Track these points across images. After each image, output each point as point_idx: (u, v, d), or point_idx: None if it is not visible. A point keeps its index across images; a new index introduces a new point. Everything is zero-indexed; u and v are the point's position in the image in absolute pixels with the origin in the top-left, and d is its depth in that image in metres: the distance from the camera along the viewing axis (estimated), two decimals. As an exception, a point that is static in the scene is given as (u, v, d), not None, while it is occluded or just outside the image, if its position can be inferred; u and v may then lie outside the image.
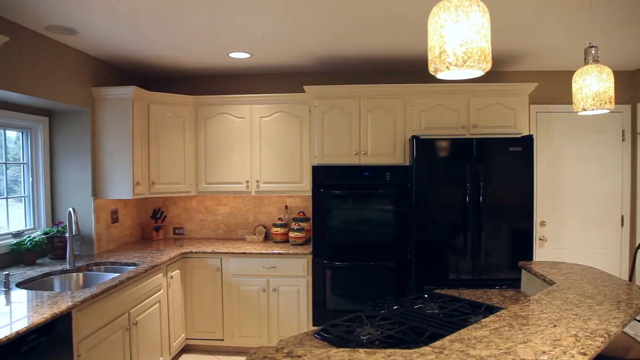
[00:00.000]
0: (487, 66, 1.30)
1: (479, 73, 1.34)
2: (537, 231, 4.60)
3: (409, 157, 4.02)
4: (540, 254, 4.60)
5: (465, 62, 1.25)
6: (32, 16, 2.98)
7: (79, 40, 3.54)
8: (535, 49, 3.82)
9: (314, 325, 4.09)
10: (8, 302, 2.60)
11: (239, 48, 3.81)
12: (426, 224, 3.82)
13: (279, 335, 4.16)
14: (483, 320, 1.72)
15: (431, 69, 1.34)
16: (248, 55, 4.04)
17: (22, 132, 3.82)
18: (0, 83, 2.96)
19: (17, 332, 2.13)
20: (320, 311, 4.06)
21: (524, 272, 2.82)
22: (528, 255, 3.76)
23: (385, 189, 4.00)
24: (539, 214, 4.57)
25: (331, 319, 2.13)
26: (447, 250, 3.80)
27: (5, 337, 2.06)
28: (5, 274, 2.91)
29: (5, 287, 2.87)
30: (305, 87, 4.13)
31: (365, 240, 4.02)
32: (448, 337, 1.54)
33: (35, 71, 3.31)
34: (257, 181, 4.44)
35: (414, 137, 3.84)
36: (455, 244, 3.79)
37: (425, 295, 2.50)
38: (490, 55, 1.29)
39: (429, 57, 1.33)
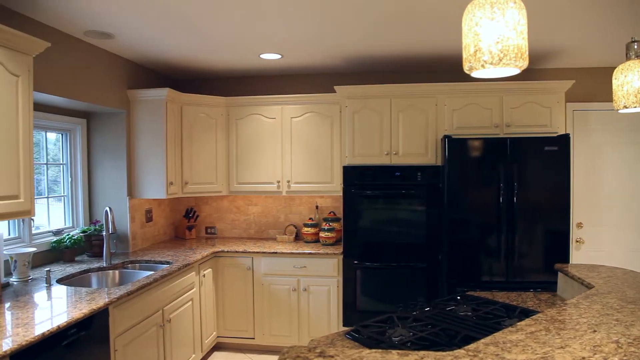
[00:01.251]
0: (524, 64, 1.27)
1: (515, 71, 1.32)
2: (574, 233, 4.47)
3: (440, 157, 3.97)
4: (577, 256, 4.47)
5: (501, 60, 1.22)
6: (72, 22, 3.08)
7: (116, 44, 3.64)
8: (572, 45, 3.71)
9: (344, 325, 4.08)
10: (49, 297, 2.69)
11: (269, 49, 3.84)
12: (458, 225, 3.76)
13: (309, 335, 4.17)
14: (518, 323, 1.69)
15: (466, 68, 1.32)
16: (279, 56, 4.07)
17: (62, 134, 3.95)
18: (42, 87, 3.07)
19: (59, 326, 2.20)
20: (351, 312, 4.05)
21: (560, 275, 2.75)
22: (564, 257, 3.66)
23: (417, 189, 3.96)
24: (575, 215, 4.44)
25: (361, 320, 2.12)
26: (480, 252, 3.73)
27: (48, 330, 2.13)
28: (47, 270, 3.02)
29: (46, 283, 2.97)
30: (336, 87, 4.13)
31: (396, 240, 3.99)
32: (482, 340, 1.51)
33: (75, 75, 3.42)
34: (288, 181, 4.47)
35: (446, 136, 3.79)
36: (488, 246, 3.72)
37: (458, 297, 2.46)
38: (527, 53, 1.27)
39: (464, 56, 1.31)
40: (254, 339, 4.28)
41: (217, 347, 4.41)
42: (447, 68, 4.48)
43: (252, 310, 4.26)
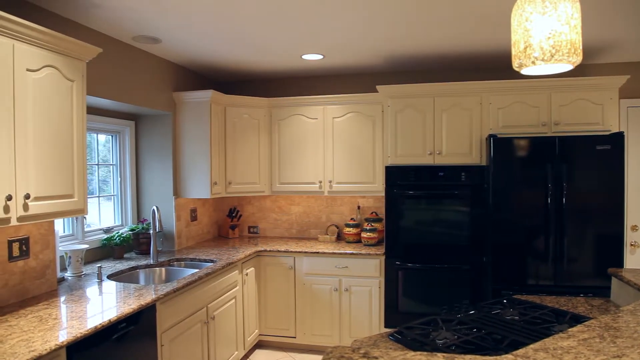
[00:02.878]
0: (577, 59, 1.22)
1: (567, 67, 1.27)
2: (628, 236, 4.26)
3: (485, 156, 3.88)
4: (632, 260, 4.26)
5: (553, 56, 1.18)
6: (122, 28, 3.20)
7: (162, 48, 3.74)
8: (626, 38, 3.54)
9: (385, 326, 4.05)
10: (100, 292, 2.80)
11: (312, 50, 3.86)
12: (504, 227, 3.66)
13: (350, 335, 4.16)
14: (570, 329, 1.62)
15: (515, 65, 1.28)
16: (321, 57, 4.08)
17: (112, 136, 4.10)
18: (94, 90, 3.20)
19: (110, 320, 2.28)
20: (392, 313, 4.02)
21: (614, 279, 2.63)
22: (618, 261, 3.50)
23: (461, 189, 3.88)
24: (630, 218, 4.24)
25: (403, 321, 2.09)
26: (526, 255, 3.62)
27: (100, 324, 2.22)
28: (98, 267, 3.14)
29: (98, 279, 3.09)
30: (378, 87, 4.10)
31: (439, 242, 3.93)
32: (532, 346, 1.47)
33: (124, 78, 3.54)
34: (330, 181, 4.48)
35: (491, 136, 3.70)
36: (536, 248, 3.60)
37: (504, 301, 2.40)
38: (581, 48, 1.21)
39: (513, 52, 1.27)
40: (295, 337, 4.30)
41: (259, 345, 4.46)
42: (492, 65, 4.37)
43: (293, 309, 4.29)
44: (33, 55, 2.33)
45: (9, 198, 2.17)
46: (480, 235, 3.85)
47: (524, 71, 1.31)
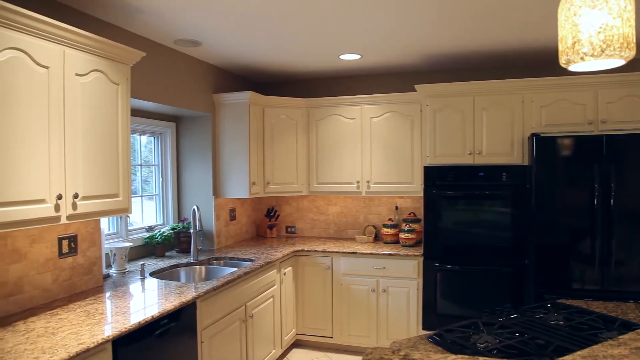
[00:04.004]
0: (631, 54, 1.16)
1: (619, 62, 1.21)
2: (682, 239, 4.06)
3: (527, 156, 3.77)
4: (686, 265, 4.05)
5: (603, 52, 1.13)
6: (164, 32, 3.28)
7: (202, 51, 3.82)
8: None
9: (423, 328, 4.00)
10: (143, 289, 2.88)
11: (349, 50, 3.85)
12: (547, 228, 3.55)
13: (387, 337, 4.13)
14: (620, 337, 1.56)
15: (562, 61, 1.24)
16: (358, 57, 4.07)
17: (154, 137, 4.21)
18: (137, 93, 3.30)
19: (152, 316, 2.35)
20: (431, 315, 3.96)
21: (667, 284, 2.50)
22: (671, 266, 3.34)
23: (502, 190, 3.79)
24: (684, 220, 4.03)
25: (441, 324, 2.06)
26: (571, 258, 3.49)
27: (144, 320, 2.28)
28: (141, 264, 3.24)
29: (141, 276, 3.18)
30: (417, 86, 4.06)
31: (479, 243, 3.85)
32: (579, 353, 1.42)
33: (166, 81, 3.63)
34: (368, 181, 4.45)
35: (533, 135, 3.60)
36: (581, 251, 3.47)
37: (548, 305, 2.32)
38: (634, 42, 1.16)
39: (560, 49, 1.23)
40: (332, 337, 4.31)
41: (296, 344, 4.49)
42: (534, 62, 4.25)
43: (330, 309, 4.29)
44: (81, 61, 2.42)
45: (59, 197, 2.26)
46: (521, 236, 3.74)
47: (572, 68, 1.27)
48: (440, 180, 3.94)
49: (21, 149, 2.08)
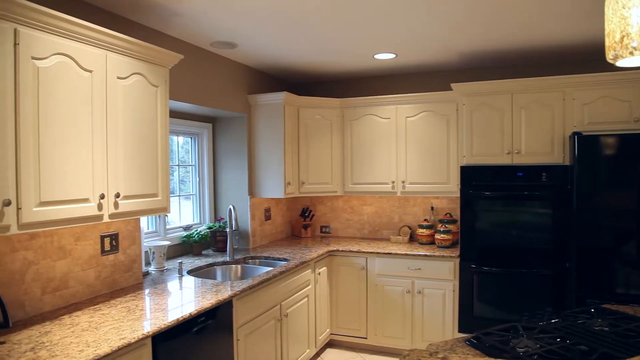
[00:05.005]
0: (681, 49, 1.11)
1: (669, 57, 1.16)
2: None
3: (569, 155, 3.66)
4: None
5: (653, 46, 1.08)
6: (200, 35, 3.34)
7: (238, 53, 3.87)
8: None
9: (459, 331, 3.93)
10: (181, 286, 2.94)
11: (384, 49, 3.83)
12: (589, 230, 3.43)
13: (422, 339, 4.08)
14: (669, 343, 1.49)
15: (609, 57, 1.19)
16: (393, 56, 4.04)
17: (191, 138, 4.29)
18: (175, 95, 3.37)
19: (190, 313, 2.40)
20: (467, 317, 3.89)
21: None
22: None
23: (541, 190, 3.69)
24: None
25: (478, 327, 2.02)
26: (615, 261, 3.37)
27: (182, 317, 2.33)
28: (179, 262, 3.31)
29: (178, 274, 3.25)
30: (453, 85, 3.99)
31: (517, 245, 3.75)
32: None
33: (202, 83, 3.70)
34: (403, 182, 4.42)
35: (575, 133, 3.48)
36: (626, 254, 3.34)
37: (592, 310, 2.24)
38: (686, 36, 1.11)
39: (607, 43, 1.18)
40: (366, 338, 4.29)
41: (330, 344, 4.49)
42: (575, 58, 4.12)
43: (365, 309, 4.28)
44: (123, 64, 2.49)
45: (102, 197, 2.34)
46: (562, 239, 3.63)
47: (620, 63, 1.22)
48: (477, 181, 3.86)
49: (67, 150, 2.16)
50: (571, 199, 3.52)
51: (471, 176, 3.88)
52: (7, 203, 1.88)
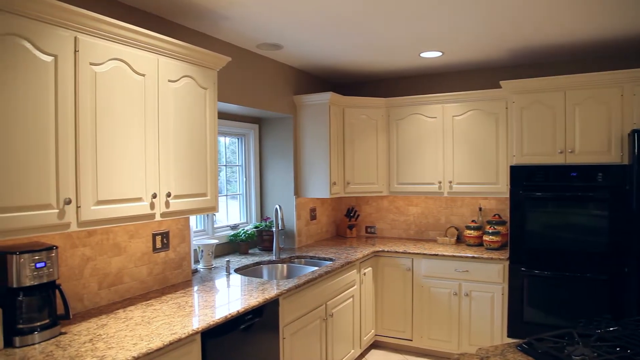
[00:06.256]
0: None
1: None
2: None
3: (628, 154, 3.48)
4: None
5: None
6: (247, 37, 3.40)
7: (284, 54, 3.91)
8: None
9: (508, 336, 3.82)
10: (228, 284, 3.00)
11: (430, 47, 3.77)
12: (651, 233, 3.25)
13: (469, 342, 4.00)
14: None
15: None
16: (439, 54, 3.97)
17: (237, 138, 4.37)
18: (223, 97, 3.45)
19: (238, 311, 2.44)
20: (517, 322, 3.77)
21: None
22: None
23: (597, 191, 3.53)
24: None
25: (529, 332, 1.96)
26: (681, 266, 3.18)
27: (230, 314, 2.38)
28: (227, 261, 3.38)
29: (226, 272, 3.32)
30: (502, 82, 3.88)
31: (571, 248, 3.61)
32: (692, 371, 1.29)
33: (249, 84, 3.76)
34: (450, 182, 4.33)
35: (635, 131, 3.31)
36: (692, 259, 3.15)
37: (654, 318, 2.13)
38: None
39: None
40: (411, 340, 4.24)
41: (375, 345, 4.46)
42: (634, 51, 3.91)
43: (410, 311, 4.23)
44: (173, 67, 2.57)
45: (154, 196, 2.42)
46: (620, 242, 3.46)
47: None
48: (527, 181, 3.74)
49: (121, 151, 2.25)
50: (630, 200, 3.35)
51: (521, 176, 3.76)
52: (68, 202, 1.98)
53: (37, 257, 2.01)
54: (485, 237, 4.18)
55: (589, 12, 2.96)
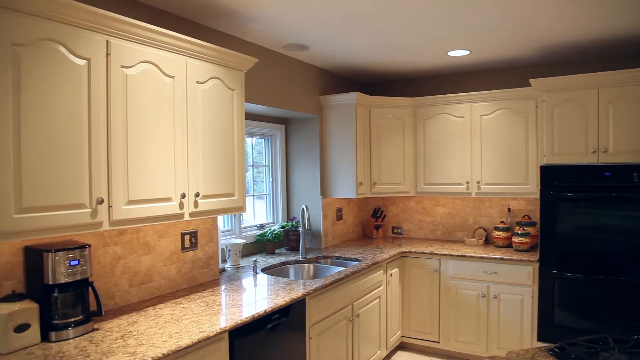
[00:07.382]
0: None
1: None
2: None
3: (665, 154, 3.37)
4: None
5: None
6: (274, 38, 3.42)
7: (309, 55, 3.92)
8: None
9: (538, 340, 3.74)
10: (255, 284, 3.02)
11: (457, 46, 3.72)
12: (689, 236, 3.14)
13: (498, 345, 3.93)
14: None
15: None
16: (467, 53, 3.92)
17: (264, 139, 4.40)
18: (250, 98, 3.48)
19: (265, 310, 2.46)
20: (547, 326, 3.69)
21: None
22: None
23: (632, 192, 3.42)
24: None
25: (559, 336, 1.91)
26: None
27: (257, 313, 2.40)
28: (254, 260, 3.41)
29: (253, 271, 3.35)
30: (532, 81, 3.80)
31: (604, 250, 3.51)
32: None
33: (275, 85, 3.79)
34: (478, 182, 4.27)
35: (672, 130, 3.20)
36: None
37: (693, 322, 2.05)
38: None
39: None
40: (438, 342, 4.19)
41: (401, 346, 4.43)
42: (674, 49, 3.79)
43: (437, 313, 4.18)
44: (201, 69, 2.61)
45: (183, 196, 2.46)
46: (657, 244, 3.35)
47: None
48: (558, 181, 3.66)
49: (151, 152, 2.29)
50: (667, 202, 3.25)
51: (552, 176, 3.68)
52: (100, 201, 2.03)
53: (71, 255, 2.07)
54: (515, 239, 4.10)
55: (622, 8, 2.87)
